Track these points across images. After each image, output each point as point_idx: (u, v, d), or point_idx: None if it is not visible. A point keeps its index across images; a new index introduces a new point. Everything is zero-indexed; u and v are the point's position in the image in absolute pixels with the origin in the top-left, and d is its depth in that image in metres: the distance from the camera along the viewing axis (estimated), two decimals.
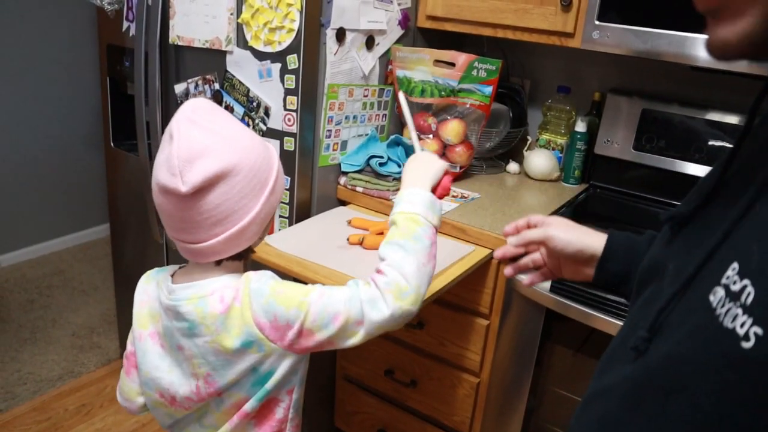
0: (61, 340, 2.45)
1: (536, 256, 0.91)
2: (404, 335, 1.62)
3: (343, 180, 1.66)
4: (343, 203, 1.68)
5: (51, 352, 2.38)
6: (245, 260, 0.93)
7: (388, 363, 1.68)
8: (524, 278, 0.99)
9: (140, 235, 1.99)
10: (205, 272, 0.88)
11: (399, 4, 1.66)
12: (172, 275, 0.93)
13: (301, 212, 1.57)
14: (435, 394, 1.61)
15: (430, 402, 1.63)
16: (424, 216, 0.93)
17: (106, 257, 3.10)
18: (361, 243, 1.37)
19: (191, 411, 0.95)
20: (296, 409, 0.98)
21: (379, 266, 0.90)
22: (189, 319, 0.86)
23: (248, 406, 0.92)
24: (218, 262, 0.88)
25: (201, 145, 0.79)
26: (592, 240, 0.83)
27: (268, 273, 0.90)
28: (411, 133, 1.13)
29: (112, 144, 1.99)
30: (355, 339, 0.87)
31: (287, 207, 1.57)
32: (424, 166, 1.02)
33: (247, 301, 0.85)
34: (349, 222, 1.50)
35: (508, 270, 0.94)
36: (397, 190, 1.60)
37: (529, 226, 0.90)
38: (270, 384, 0.90)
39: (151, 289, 0.95)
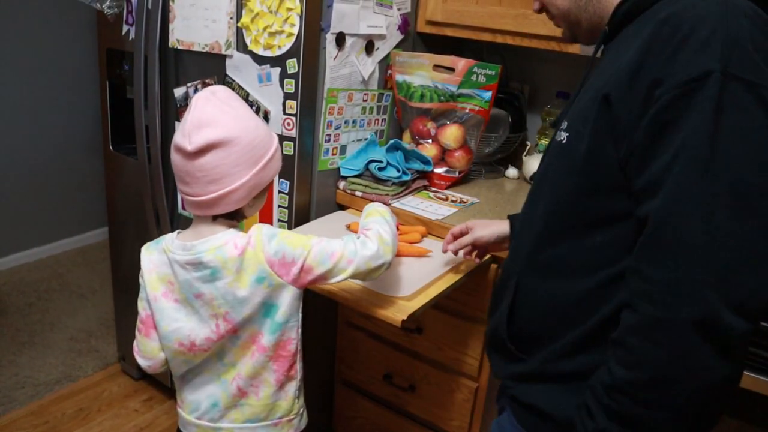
0: (59, 344, 2.45)
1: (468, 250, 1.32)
2: (403, 340, 1.62)
3: (342, 184, 1.66)
4: (342, 207, 1.68)
5: (49, 355, 2.37)
6: (236, 220, 1.09)
7: (386, 368, 1.68)
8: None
9: (139, 239, 1.99)
10: (210, 228, 1.06)
11: (399, 9, 1.67)
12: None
13: (300, 216, 1.57)
14: (433, 399, 1.61)
15: (428, 407, 1.63)
16: (390, 218, 1.21)
17: (105, 261, 3.10)
18: None
19: (210, 353, 1.10)
20: (301, 345, 1.16)
21: (365, 227, 1.15)
22: (211, 266, 1.03)
23: (266, 341, 1.09)
24: (214, 219, 1.06)
25: (210, 116, 0.98)
26: (504, 227, 1.24)
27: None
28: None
29: (111, 148, 1.99)
30: (345, 274, 1.07)
31: (286, 211, 1.57)
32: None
33: (260, 245, 1.03)
34: (348, 226, 1.50)
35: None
36: (397, 194, 1.61)
37: (461, 233, 1.29)
38: (279, 317, 1.08)
39: (155, 257, 1.10)
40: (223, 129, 0.98)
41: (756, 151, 0.68)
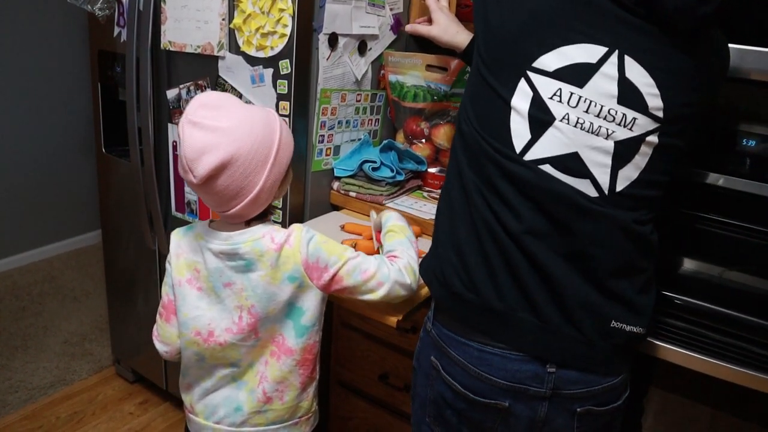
0: (53, 348, 2.44)
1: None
2: (398, 340, 1.62)
3: (336, 185, 1.66)
4: (337, 208, 1.68)
5: (42, 359, 2.36)
6: (270, 214, 1.12)
7: (382, 368, 1.67)
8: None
9: (132, 242, 1.98)
10: (243, 224, 1.08)
11: (391, 9, 1.67)
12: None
13: (294, 217, 1.57)
14: None
15: None
16: (412, 234, 1.24)
17: (98, 264, 3.09)
18: (354, 248, 1.36)
19: (222, 351, 1.10)
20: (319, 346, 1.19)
21: (393, 253, 1.15)
22: (247, 258, 1.05)
23: (293, 344, 1.11)
24: (247, 222, 1.08)
25: (201, 143, 0.96)
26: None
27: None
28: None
29: (103, 150, 1.99)
30: (375, 296, 1.09)
31: (280, 212, 1.56)
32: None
33: (298, 245, 1.05)
34: (343, 227, 1.50)
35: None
36: (391, 194, 1.61)
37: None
38: (306, 320, 1.10)
39: (185, 243, 1.12)
40: (220, 151, 0.96)
41: None
